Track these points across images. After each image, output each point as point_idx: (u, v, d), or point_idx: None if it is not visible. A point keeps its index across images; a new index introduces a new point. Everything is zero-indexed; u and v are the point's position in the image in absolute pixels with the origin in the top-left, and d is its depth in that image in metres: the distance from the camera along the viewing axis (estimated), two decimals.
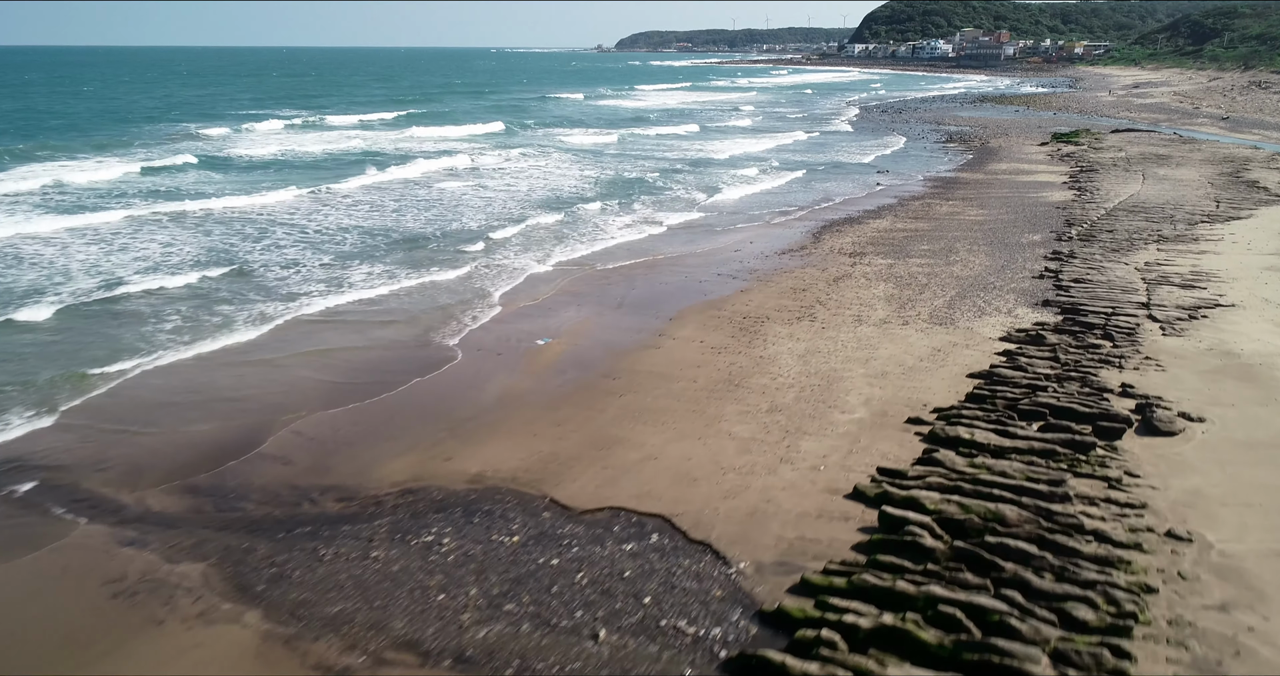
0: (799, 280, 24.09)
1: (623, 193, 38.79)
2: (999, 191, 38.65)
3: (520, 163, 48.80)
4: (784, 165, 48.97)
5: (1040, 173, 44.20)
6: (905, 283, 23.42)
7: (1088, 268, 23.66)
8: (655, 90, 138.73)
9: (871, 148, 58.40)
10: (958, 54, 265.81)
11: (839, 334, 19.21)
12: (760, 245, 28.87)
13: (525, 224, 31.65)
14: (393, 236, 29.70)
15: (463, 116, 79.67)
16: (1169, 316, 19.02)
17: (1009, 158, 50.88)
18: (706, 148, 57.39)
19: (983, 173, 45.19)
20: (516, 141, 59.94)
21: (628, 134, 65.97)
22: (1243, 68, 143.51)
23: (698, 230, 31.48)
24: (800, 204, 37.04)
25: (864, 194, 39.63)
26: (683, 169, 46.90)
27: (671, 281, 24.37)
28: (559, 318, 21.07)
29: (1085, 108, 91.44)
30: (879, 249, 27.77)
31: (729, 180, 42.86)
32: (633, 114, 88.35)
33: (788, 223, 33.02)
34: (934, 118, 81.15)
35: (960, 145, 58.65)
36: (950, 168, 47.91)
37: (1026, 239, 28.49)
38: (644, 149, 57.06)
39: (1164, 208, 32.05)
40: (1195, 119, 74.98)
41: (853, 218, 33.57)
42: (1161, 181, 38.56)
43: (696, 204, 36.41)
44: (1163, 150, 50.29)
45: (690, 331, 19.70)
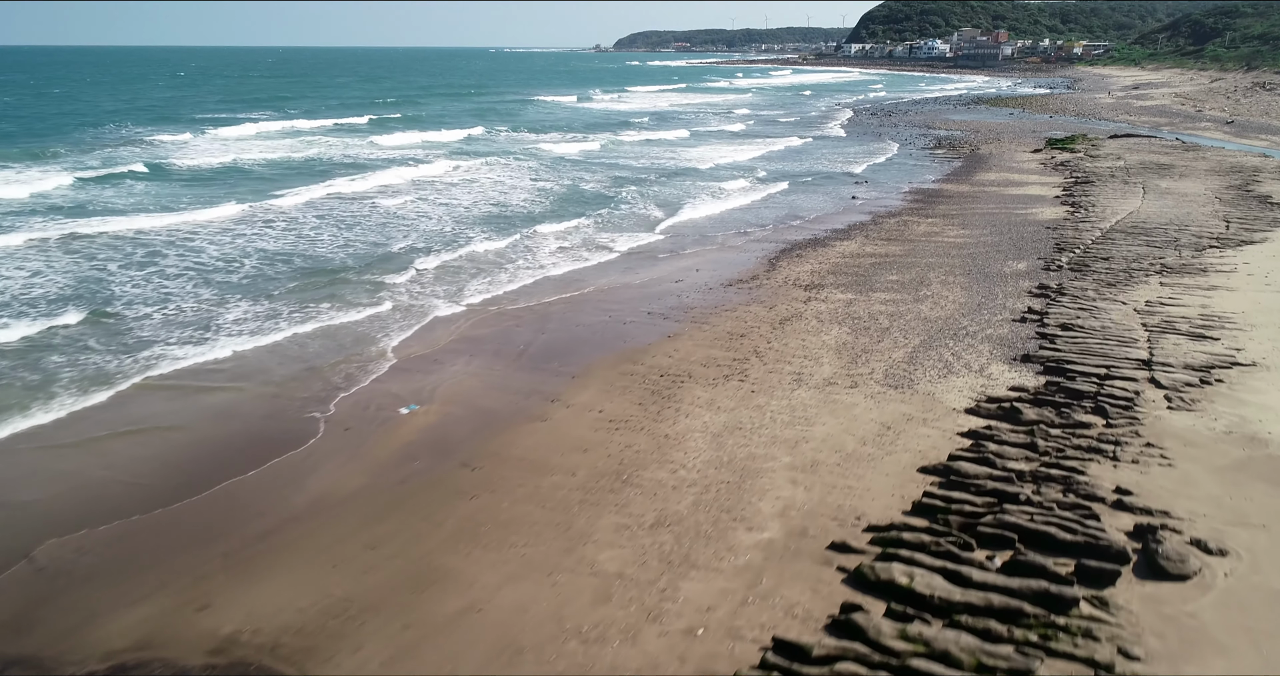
0: (740, 321, 20.54)
1: (578, 210, 35.02)
2: (984, 207, 35.07)
3: (480, 173, 45.09)
4: (770, 175, 45.41)
5: (1031, 184, 40.62)
6: (863, 326, 19.85)
7: (1078, 308, 20.09)
8: (648, 92, 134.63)
9: (857, 155, 54.84)
10: (955, 54, 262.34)
11: (770, 401, 15.65)
12: (707, 274, 25.31)
13: (458, 250, 27.93)
14: (299, 264, 26.03)
15: (438, 121, 75.83)
16: (1176, 380, 15.45)
17: (999, 166, 47.31)
18: (690, 155, 53.53)
19: (969, 184, 41.61)
20: (486, 149, 56.16)
21: (610, 140, 62.15)
22: (1245, 68, 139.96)
23: (644, 256, 27.90)
24: (767, 222, 33.49)
25: (838, 210, 36.07)
26: (657, 180, 43.10)
27: (591, 323, 20.80)
28: (443, 374, 17.50)
29: (1083, 110, 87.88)
30: (840, 280, 24.21)
31: (702, 194, 39.16)
32: (621, 118, 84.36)
33: (746, 245, 29.46)
34: (925, 121, 77.58)
35: (949, 152, 55.08)
36: (935, 178, 44.35)
37: (1010, 267, 24.92)
38: (623, 157, 53.24)
39: (1167, 229, 28.48)
40: (1198, 123, 71.40)
41: (819, 239, 30.00)
42: (1164, 196, 34.99)
43: (655, 224, 32.72)
44: (1164, 158, 46.73)
45: (591, 395, 16.14)
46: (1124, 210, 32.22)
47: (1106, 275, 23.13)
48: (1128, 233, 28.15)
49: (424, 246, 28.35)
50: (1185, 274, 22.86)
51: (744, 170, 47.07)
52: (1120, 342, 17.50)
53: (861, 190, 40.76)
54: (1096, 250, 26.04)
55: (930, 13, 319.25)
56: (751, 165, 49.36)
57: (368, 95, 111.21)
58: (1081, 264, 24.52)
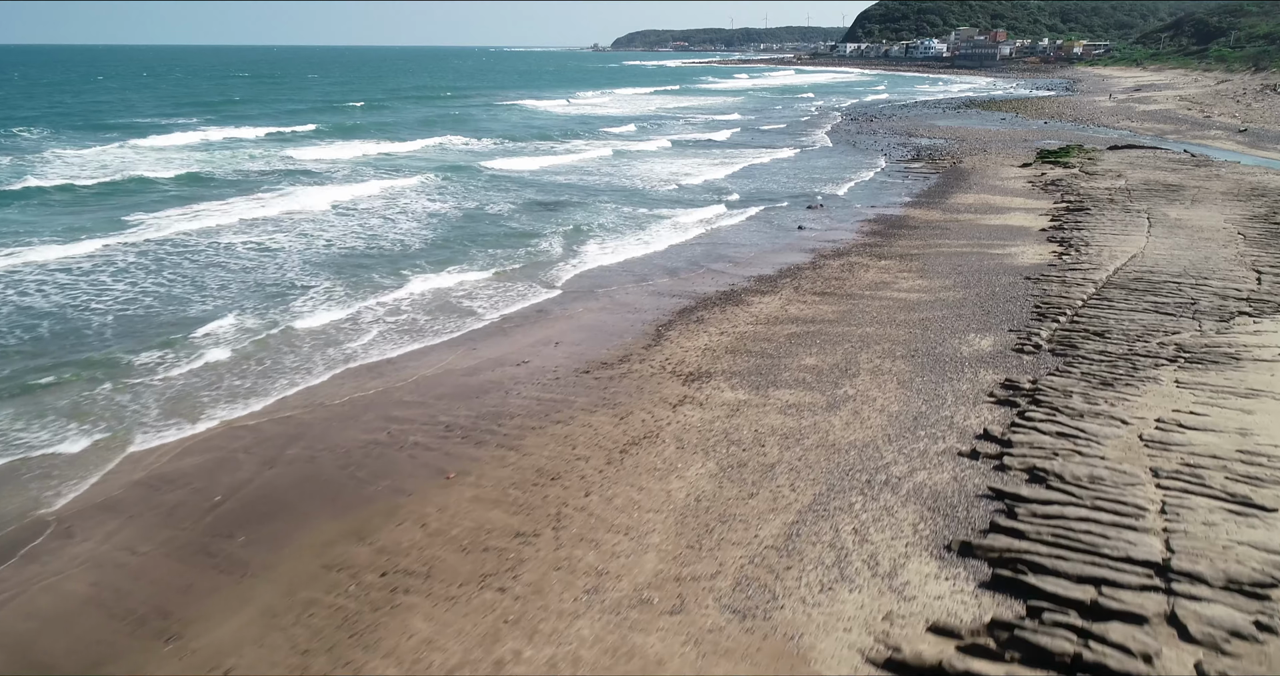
0: (566, 445, 14.11)
1: (470, 253, 27.85)
2: (953, 244, 28.60)
3: (400, 197, 38.01)
4: (742, 198, 39.01)
5: (1014, 211, 34.13)
6: (738, 460, 13.42)
7: (1056, 432, 13.64)
8: (636, 94, 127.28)
9: (833, 170, 48.42)
10: (952, 54, 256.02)
11: (525, 648, 9.23)
12: (566, 353, 18.87)
13: (266, 315, 21.51)
14: (28, 339, 19.60)
15: (394, 129, 68.65)
16: (1214, 623, 8.99)
17: (980, 185, 40.83)
18: (659, 173, 46.49)
19: (940, 209, 35.13)
20: (429, 164, 48.96)
21: (577, 153, 55.05)
22: (1253, 69, 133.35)
23: (511, 324, 21.41)
24: (688, 265, 27.03)
25: (777, 246, 29.61)
26: (602, 207, 35.97)
27: (351, 449, 14.30)
28: (44, 566, 11.09)
29: (1080, 115, 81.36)
30: (738, 364, 17.76)
31: (640, 227, 32.29)
32: (601, 124, 77.07)
33: (644, 301, 23.01)
34: (908, 128, 71.05)
35: (927, 166, 48.61)
36: (904, 200, 37.89)
37: (971, 346, 18.44)
38: (584, 174, 46.23)
39: (1181, 283, 22.01)
40: (1207, 131, 64.83)
41: (737, 292, 23.54)
42: (1174, 231, 28.52)
43: (559, 272, 25.77)
44: (1172, 176, 40.25)
45: (238, 626, 9.70)
46: (1125, 251, 25.75)
47: (1101, 363, 16.66)
48: (1130, 289, 21.66)
49: (219, 308, 21.83)
50: (1210, 364, 16.38)
51: (715, 192, 40.25)
52: (1118, 517, 11.03)
53: (813, 217, 34.30)
54: (1088, 318, 19.57)
55: (928, 12, 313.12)
56: (725, 186, 42.42)
57: (333, 99, 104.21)
58: (1067, 342, 18.05)
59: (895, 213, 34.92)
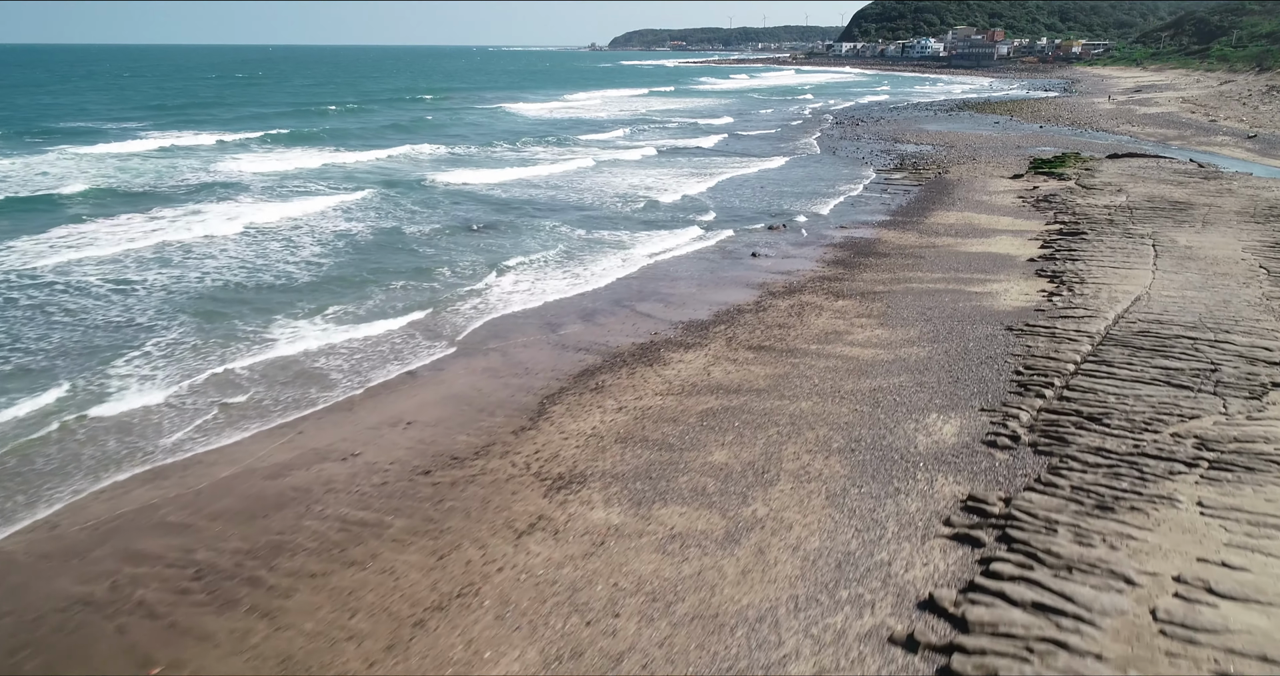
0: (338, 614, 9.96)
1: (358, 293, 23.16)
2: (927, 278, 24.47)
3: (311, 220, 33.72)
4: (720, 217, 34.98)
5: (1000, 234, 30.00)
6: (572, 650, 9.24)
7: (1033, 609, 9.50)
8: (627, 96, 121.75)
9: (802, 183, 44.38)
10: (949, 53, 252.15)
11: None
12: (413, 438, 14.74)
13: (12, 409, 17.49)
14: None
15: (349, 137, 63.39)
16: None
17: (965, 200, 36.71)
18: (629, 188, 41.88)
19: (917, 231, 30.99)
20: (366, 177, 43.80)
21: (551, 164, 49.74)
22: (1257, 69, 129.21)
23: (359, 399, 17.22)
24: (609, 306, 22.96)
25: (722, 278, 25.52)
26: (555, 228, 31.80)
27: None
28: None
29: (1079, 118, 77.23)
30: (627, 460, 13.64)
31: (576, 258, 28.05)
32: (586, 128, 72.17)
33: (538, 357, 18.90)
34: (894, 132, 66.91)
35: (910, 176, 44.51)
36: (878, 219, 33.78)
37: (930, 434, 14.30)
38: (551, 190, 41.32)
39: (1197, 338, 17.88)
40: (1213, 137, 60.65)
41: (656, 345, 19.42)
42: (1185, 262, 24.40)
43: (452, 325, 21.08)
44: (1178, 191, 36.14)
45: None
46: (1127, 291, 21.62)
47: (1098, 469, 12.54)
48: (1134, 347, 17.53)
49: (11, 375, 17.68)
50: (1244, 472, 12.23)
51: (688, 211, 35.62)
52: None
53: (771, 241, 30.19)
54: (1082, 392, 15.44)
55: (925, 10, 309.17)
56: (702, 202, 37.86)
57: (307, 102, 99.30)
58: (1054, 432, 13.92)
59: (866, 235, 30.80)
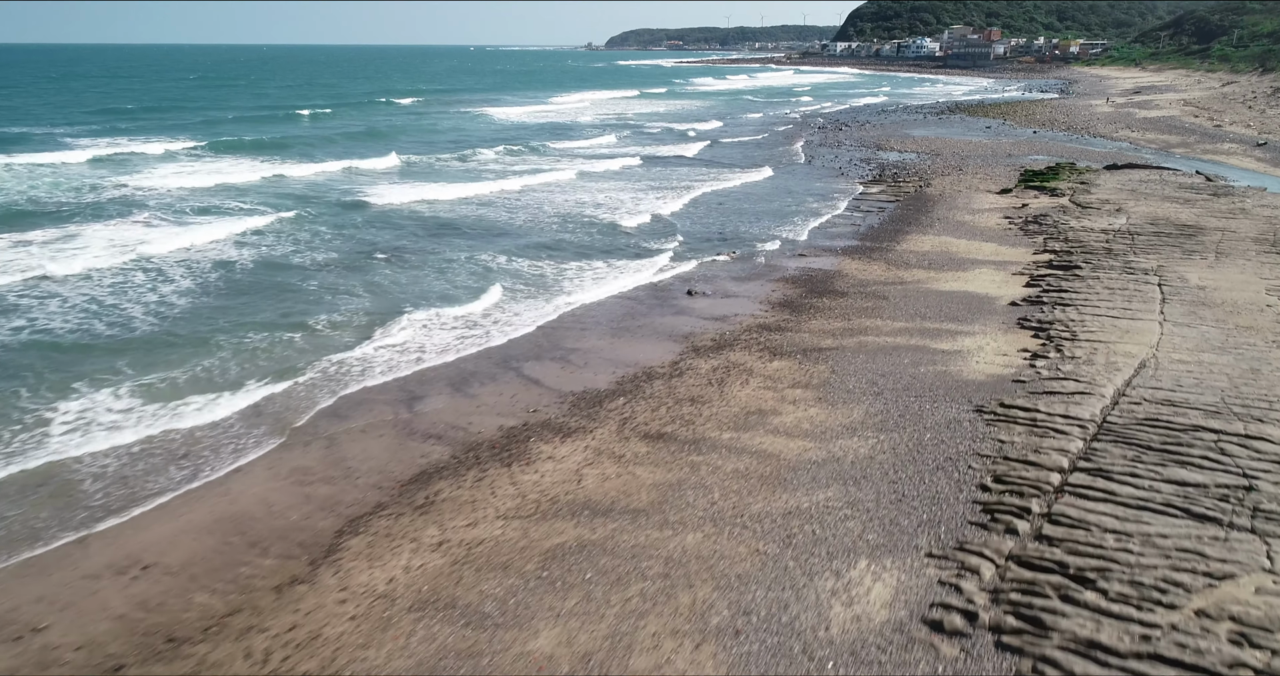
0: None
1: (193, 354, 18.57)
2: (886, 329, 20.23)
3: (194, 252, 29.17)
4: (683, 246, 30.71)
5: (980, 266, 25.79)
6: None
7: None
8: (616, 98, 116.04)
9: (775, 199, 40.21)
10: (945, 53, 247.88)
11: None
12: (133, 598, 10.49)
13: None
14: None
15: (301, 145, 58.12)
16: None
17: (944, 221, 32.49)
18: (602, 205, 37.20)
19: (886, 261, 26.76)
20: (294, 195, 38.85)
21: (516, 178, 44.24)
22: (1260, 69, 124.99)
23: (96, 531, 13.04)
24: (495, 368, 18.77)
25: (643, 326, 21.30)
26: (489, 261, 27.17)
27: None
28: None
29: (1075, 122, 73.02)
30: (413, 651, 9.33)
31: (495, 301, 24.14)
32: (566, 134, 67.14)
33: (371, 451, 14.66)
34: (878, 138, 62.67)
35: (887, 191, 40.31)
36: (843, 244, 29.58)
37: (851, 603, 10.02)
38: (503, 209, 36.22)
39: (1220, 428, 13.65)
40: (1220, 144, 56.38)
41: (528, 429, 15.18)
42: (1198, 308, 20.19)
43: (291, 406, 16.51)
44: (1185, 210, 31.96)
45: None
46: (1129, 353, 17.41)
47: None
48: (1139, 446, 13.30)
49: None
50: None
51: (653, 238, 30.72)
52: None
53: (713, 276, 25.98)
54: (1070, 526, 11.23)
55: (921, 10, 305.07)
56: (671, 223, 33.37)
57: (274, 105, 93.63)
58: (1028, 607, 9.70)
59: (826, 265, 26.59)
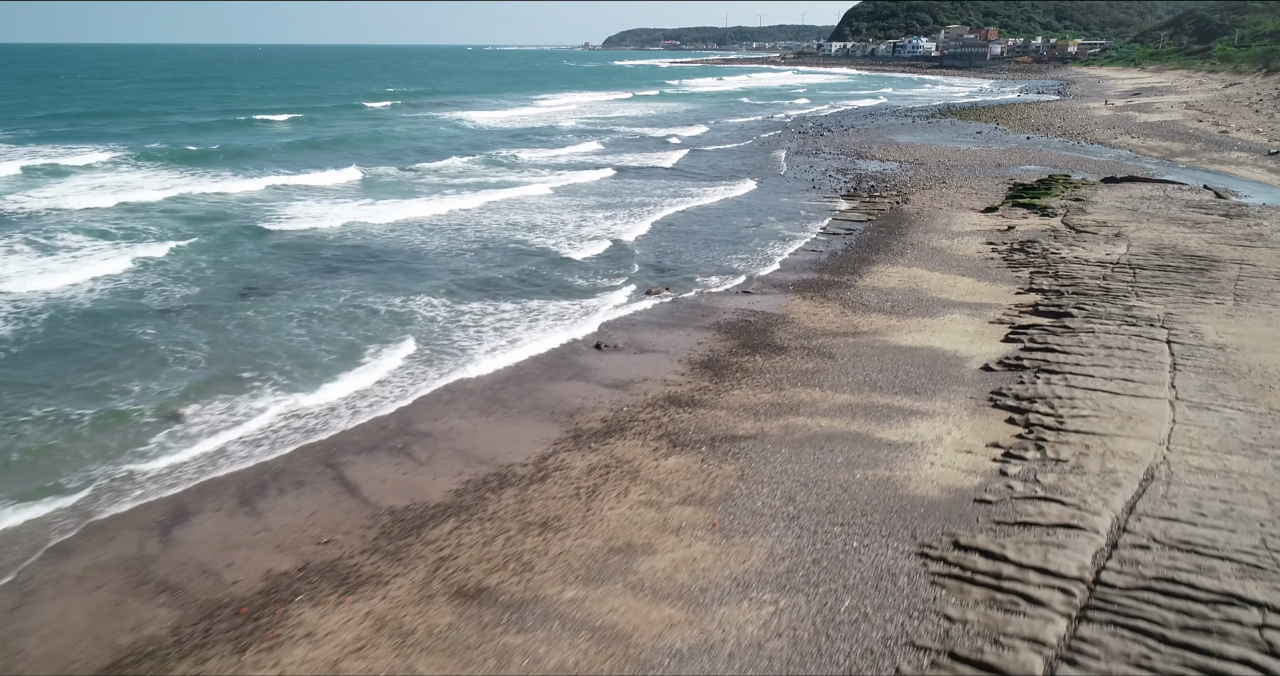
0: None
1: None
2: (823, 406, 15.96)
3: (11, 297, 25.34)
4: (639, 275, 26.48)
5: (952, 310, 21.55)
6: None
7: None
8: (603, 100, 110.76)
9: (741, 216, 36.00)
10: (941, 53, 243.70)
11: None
12: None
13: None
14: None
15: (247, 157, 52.57)
16: None
17: (917, 247, 28.29)
18: (559, 229, 32.42)
19: (841, 302, 22.52)
20: (204, 217, 34.54)
21: (463, 196, 38.81)
22: (1263, 70, 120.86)
23: None
24: (311, 466, 14.59)
25: (528, 396, 17.10)
26: (404, 310, 23.20)
27: None
28: None
29: (1071, 126, 68.84)
30: None
31: (346, 372, 19.84)
32: (542, 142, 61.86)
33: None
34: (860, 145, 58.44)
35: (860, 207, 36.11)
36: (796, 276, 25.37)
37: None
38: (444, 236, 31.02)
39: (1261, 601, 9.47)
40: (1228, 153, 52.13)
41: (285, 588, 10.99)
42: (1218, 379, 15.97)
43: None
44: (1195, 236, 27.79)
45: None
46: (1132, 458, 13.18)
47: None
48: (1147, 633, 9.10)
49: None
50: None
51: (599, 271, 26.13)
52: None
53: (638, 318, 21.76)
54: None
55: (917, 9, 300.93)
56: (630, 251, 28.56)
57: (235, 108, 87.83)
58: None
59: (771, 307, 22.38)
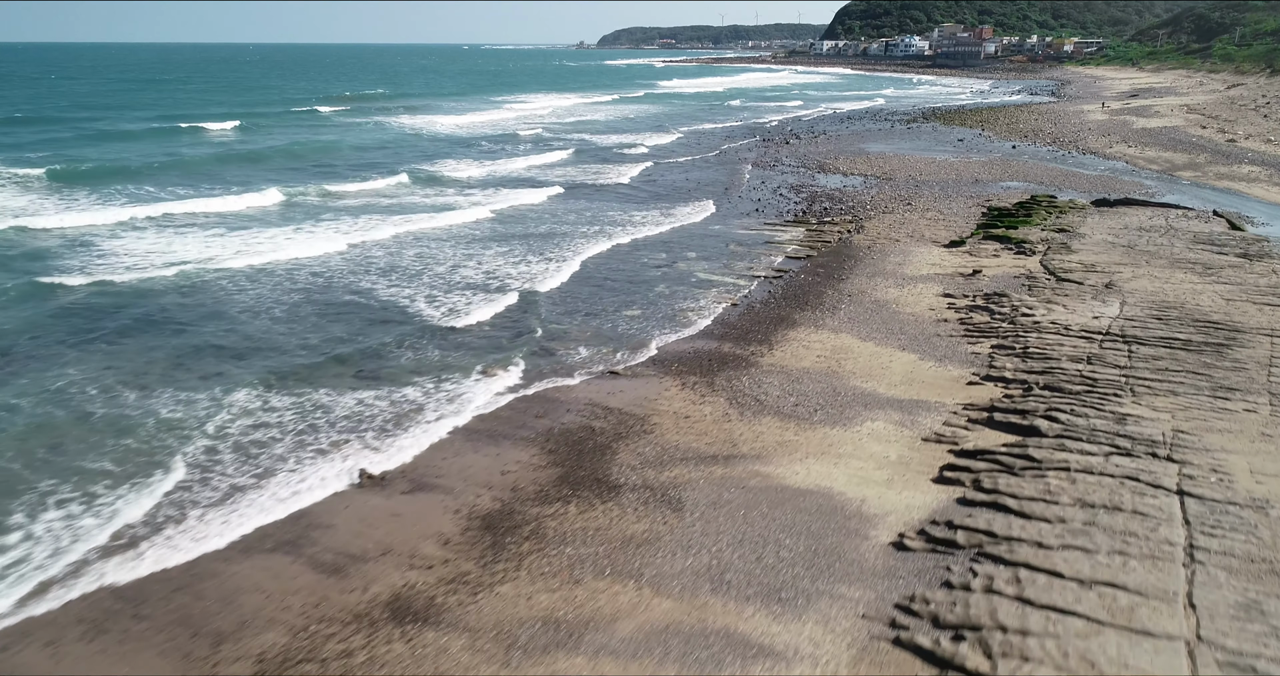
0: None
1: None
2: (628, 625, 10.02)
3: None
4: (533, 351, 20.47)
5: (878, 412, 15.56)
6: None
7: None
8: (573, 103, 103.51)
9: (674, 245, 30.16)
10: (934, 52, 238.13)
11: None
12: None
13: None
14: None
15: (127, 176, 44.71)
16: None
17: (855, 300, 22.35)
18: (449, 284, 27.39)
19: (727, 398, 16.54)
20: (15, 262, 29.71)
21: (372, 224, 32.83)
22: (1267, 70, 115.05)
23: None
24: None
25: (230, 578, 11.20)
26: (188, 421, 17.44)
27: None
28: None
29: (1063, 133, 62.98)
30: None
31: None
32: (498, 151, 55.42)
33: None
34: (826, 156, 52.46)
35: (804, 239, 30.17)
36: (686, 347, 19.39)
37: None
38: (309, 291, 25.83)
39: None
40: (1237, 165, 46.16)
41: None
42: (1262, 591, 10.10)
43: None
44: (1205, 287, 21.92)
45: None
46: None
47: None
48: None
49: None
50: None
51: (489, 347, 20.98)
52: None
53: (450, 427, 15.86)
54: None
55: (911, 7, 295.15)
56: (528, 315, 22.39)
57: (179, 113, 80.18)
58: None
59: (630, 400, 16.43)
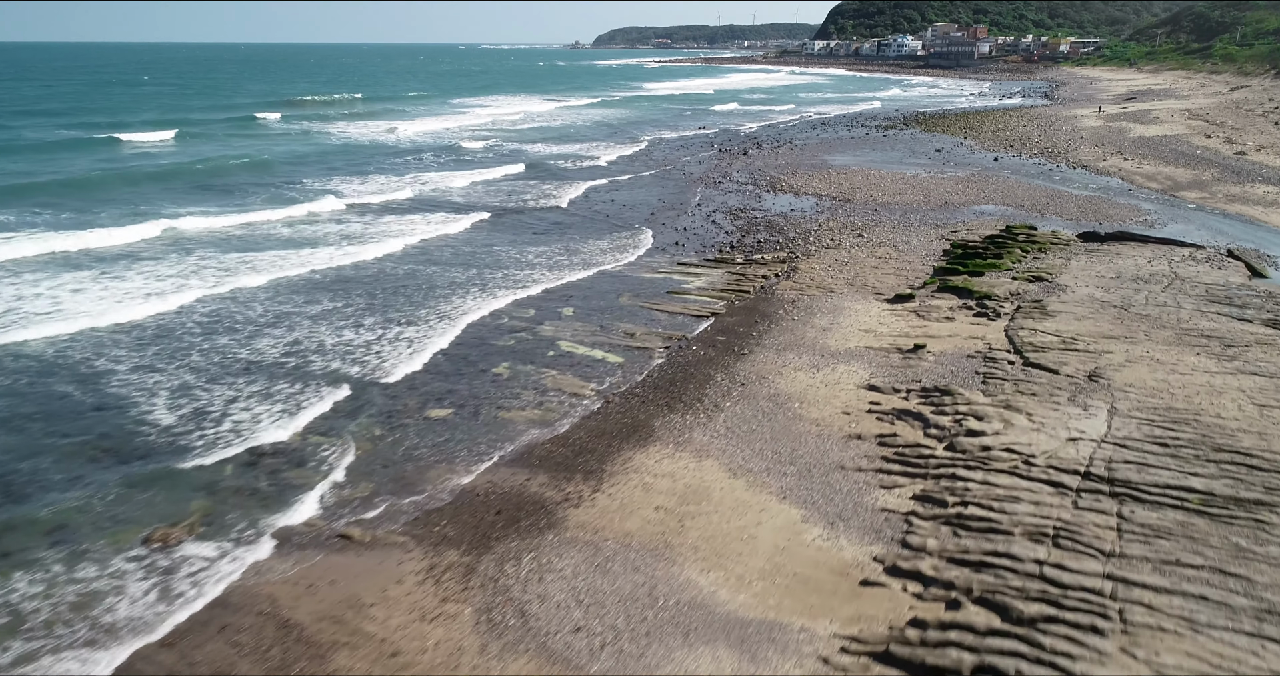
0: None
1: None
2: None
3: None
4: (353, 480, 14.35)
5: (702, 652, 9.73)
6: None
7: None
8: (543, 108, 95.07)
9: (587, 297, 24.15)
10: (927, 51, 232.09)
11: None
12: None
13: None
14: None
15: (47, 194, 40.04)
16: None
17: (742, 402, 16.32)
18: (302, 380, 21.20)
19: (490, 589, 10.62)
20: None
21: (244, 275, 27.57)
22: (1272, 71, 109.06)
23: None
24: None
25: None
26: None
27: None
28: None
29: (1053, 142, 56.91)
30: None
31: None
32: (429, 166, 49.03)
33: None
34: (784, 168, 46.37)
35: (716, 288, 24.17)
36: (484, 480, 13.41)
37: None
38: (71, 382, 20.35)
39: None
40: (1249, 184, 40.01)
41: None
42: None
43: None
44: (1228, 383, 15.92)
45: None
46: None
47: None
48: None
49: None
50: None
51: (304, 474, 14.99)
52: None
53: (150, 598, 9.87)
54: None
55: (905, 6, 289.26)
56: (331, 450, 17.25)
57: (113, 117, 73.63)
58: None
59: (325, 611, 10.44)
